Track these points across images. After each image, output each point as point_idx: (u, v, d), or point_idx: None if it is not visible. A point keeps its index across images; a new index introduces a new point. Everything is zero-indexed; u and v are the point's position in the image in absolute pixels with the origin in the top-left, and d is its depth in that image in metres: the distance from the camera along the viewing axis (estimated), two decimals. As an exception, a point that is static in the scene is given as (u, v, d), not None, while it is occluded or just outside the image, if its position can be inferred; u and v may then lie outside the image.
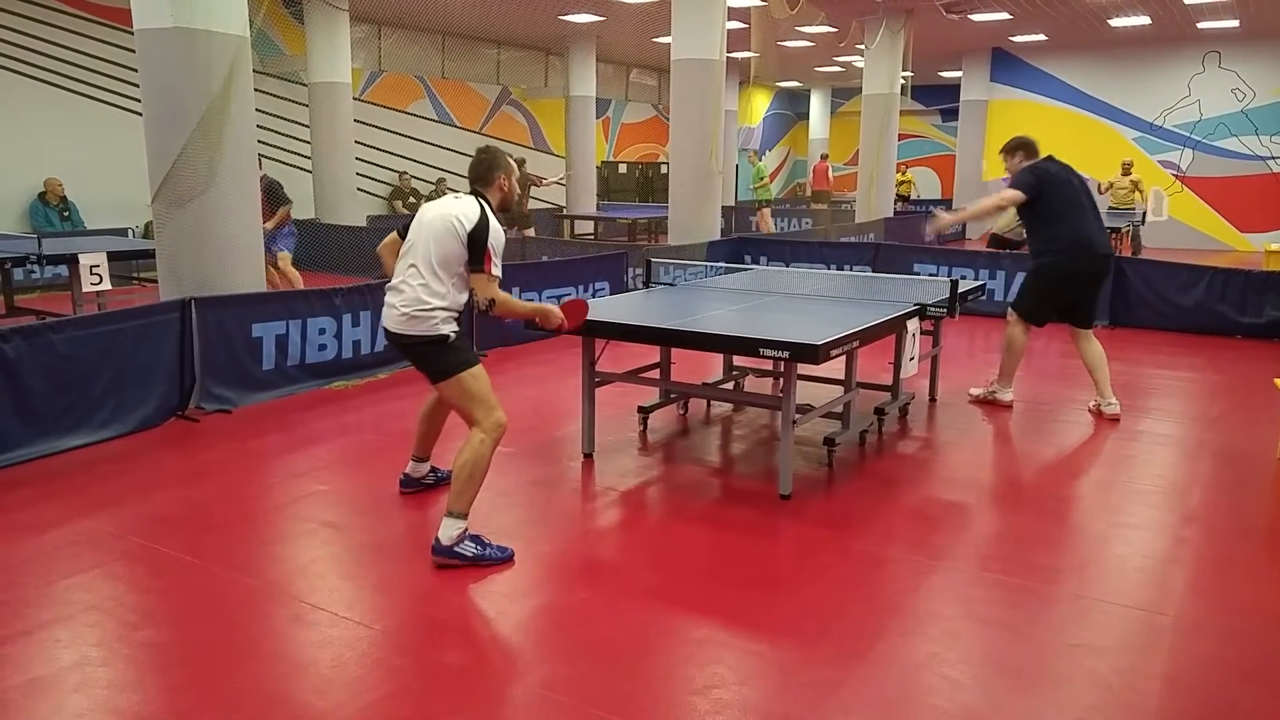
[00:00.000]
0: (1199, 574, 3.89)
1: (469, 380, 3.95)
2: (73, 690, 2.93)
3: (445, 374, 3.95)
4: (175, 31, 5.97)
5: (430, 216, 3.97)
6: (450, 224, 3.87)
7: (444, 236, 3.88)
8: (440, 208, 3.98)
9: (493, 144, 4.37)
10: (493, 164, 4.08)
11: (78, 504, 4.50)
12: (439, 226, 3.90)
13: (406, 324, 3.90)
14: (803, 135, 28.42)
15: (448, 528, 3.85)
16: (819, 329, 4.59)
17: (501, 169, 4.08)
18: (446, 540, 3.84)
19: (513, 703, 2.92)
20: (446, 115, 18.79)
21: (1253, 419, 6.17)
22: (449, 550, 3.84)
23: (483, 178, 4.07)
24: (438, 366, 3.96)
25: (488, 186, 4.07)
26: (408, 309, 3.89)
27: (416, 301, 3.88)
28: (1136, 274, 9.53)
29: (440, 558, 3.84)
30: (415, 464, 4.71)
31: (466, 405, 3.97)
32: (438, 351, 3.93)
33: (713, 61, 10.61)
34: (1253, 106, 18.13)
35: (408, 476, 4.72)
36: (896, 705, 2.90)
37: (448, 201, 4.01)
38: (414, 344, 3.94)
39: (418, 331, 3.90)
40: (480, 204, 3.96)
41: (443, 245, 3.88)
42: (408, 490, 4.69)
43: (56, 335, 5.25)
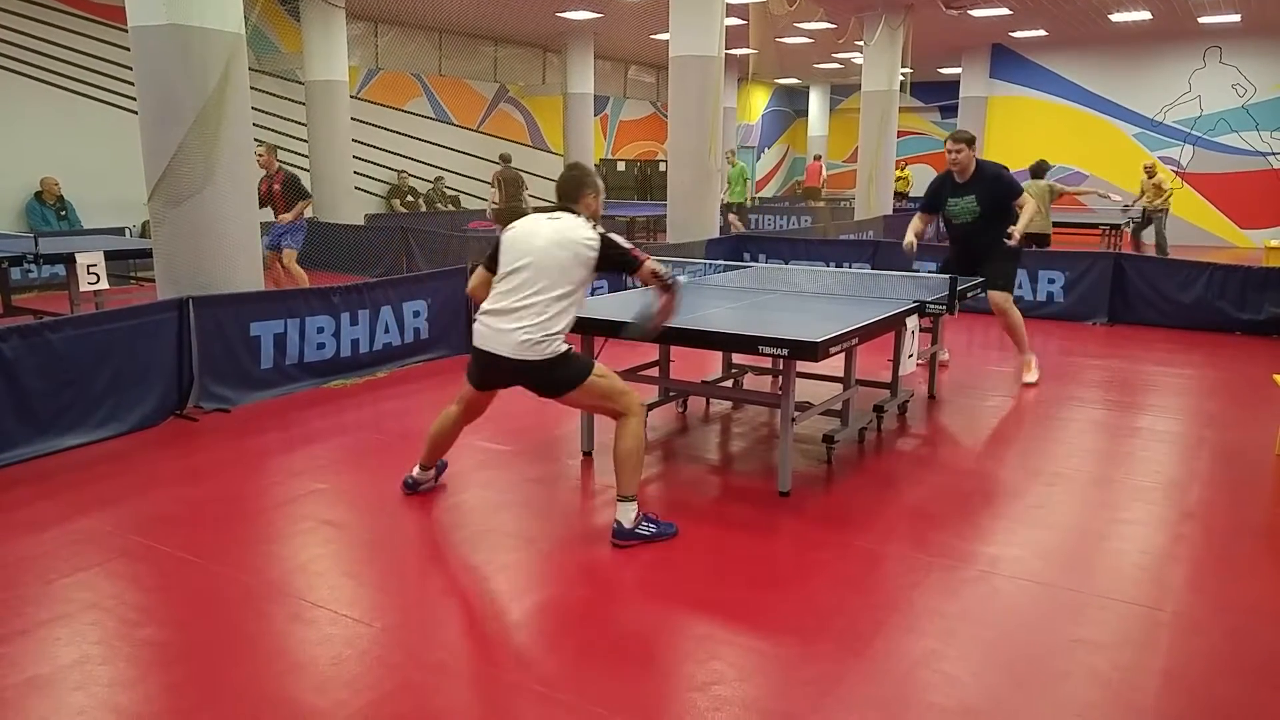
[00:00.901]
0: (1198, 570, 3.89)
1: (598, 380, 4.06)
2: (73, 688, 2.93)
3: (574, 384, 4.02)
4: (170, 29, 5.96)
5: (543, 246, 3.96)
6: (572, 249, 3.94)
7: (569, 263, 3.94)
8: (549, 235, 3.99)
9: (582, 163, 4.40)
10: (582, 182, 4.16)
11: (77, 503, 4.50)
12: (560, 255, 3.94)
13: (528, 350, 3.91)
14: (802, 132, 28.40)
15: (625, 511, 4.02)
16: (818, 326, 4.59)
17: (590, 188, 4.16)
18: (628, 524, 4.01)
19: (513, 701, 2.92)
20: (444, 113, 18.77)
21: (1252, 416, 6.17)
22: (631, 532, 4.01)
23: (570, 195, 4.14)
24: (565, 381, 4.02)
25: (576, 203, 4.13)
26: (531, 337, 3.90)
27: (542, 329, 3.91)
28: (1136, 271, 9.53)
29: (623, 540, 4.01)
30: (422, 471, 4.65)
31: (606, 402, 4.10)
32: (562, 368, 3.99)
33: (711, 58, 10.60)
34: (1254, 102, 18.13)
35: (415, 481, 4.64)
36: (895, 702, 2.90)
37: (556, 226, 4.01)
38: (534, 368, 3.96)
39: (541, 356, 3.93)
40: (586, 221, 4.05)
41: (568, 272, 3.94)
42: (410, 493, 4.64)
43: (54, 335, 5.24)
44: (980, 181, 6.71)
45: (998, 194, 6.68)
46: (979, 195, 6.67)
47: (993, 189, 6.68)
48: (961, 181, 6.75)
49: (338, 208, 14.21)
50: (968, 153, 6.72)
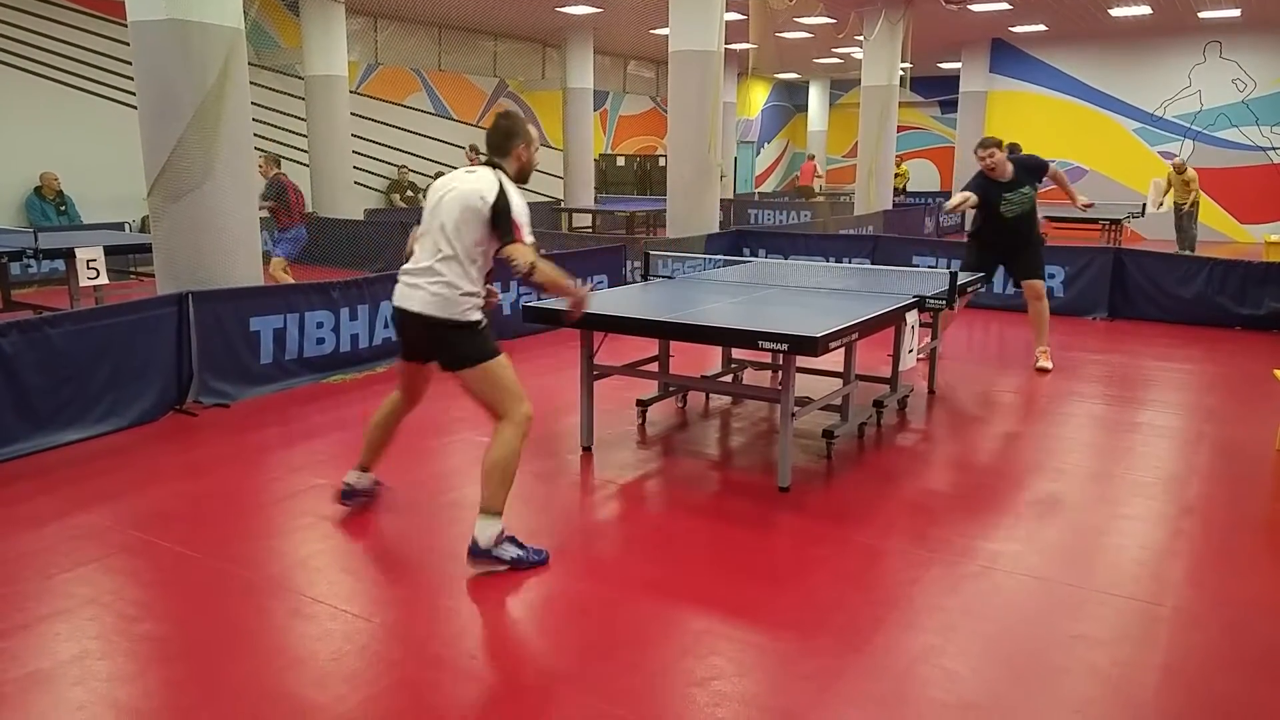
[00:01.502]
0: (1197, 566, 3.90)
1: (497, 368, 3.80)
2: (72, 683, 2.93)
3: (472, 361, 3.77)
4: (169, 24, 5.95)
5: (449, 197, 3.77)
6: (468, 201, 3.70)
7: (466, 216, 3.70)
8: (456, 184, 3.79)
9: (512, 110, 4.12)
10: (511, 131, 3.88)
11: (76, 498, 4.50)
12: (459, 207, 3.72)
13: (436, 305, 3.73)
14: (801, 127, 28.36)
15: (484, 528, 3.69)
16: (817, 321, 4.58)
17: (520, 138, 3.87)
18: (484, 543, 3.68)
19: (512, 695, 2.92)
20: (443, 108, 18.75)
21: (1252, 411, 6.17)
22: (487, 553, 3.69)
23: (500, 147, 3.86)
24: (464, 353, 3.79)
25: (505, 157, 3.88)
26: (439, 291, 3.71)
27: (449, 285, 3.72)
28: (1136, 266, 9.52)
29: (479, 561, 3.69)
30: (360, 474, 4.36)
31: (494, 395, 3.81)
32: (467, 337, 3.78)
33: (711, 53, 10.58)
34: (1253, 97, 18.10)
35: (351, 488, 4.34)
36: (895, 697, 2.90)
37: (461, 176, 3.83)
38: (439, 326, 3.76)
39: (448, 315, 3.73)
40: (497, 177, 3.77)
41: (465, 226, 3.71)
42: (349, 503, 4.35)
43: (53, 330, 5.24)
44: (1022, 171, 7.06)
45: (1036, 177, 7.11)
46: (1026, 184, 7.01)
47: (1034, 172, 7.09)
48: (1006, 179, 7.01)
49: (337, 203, 14.20)
50: (999, 154, 7.02)
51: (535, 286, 3.89)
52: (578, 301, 4.00)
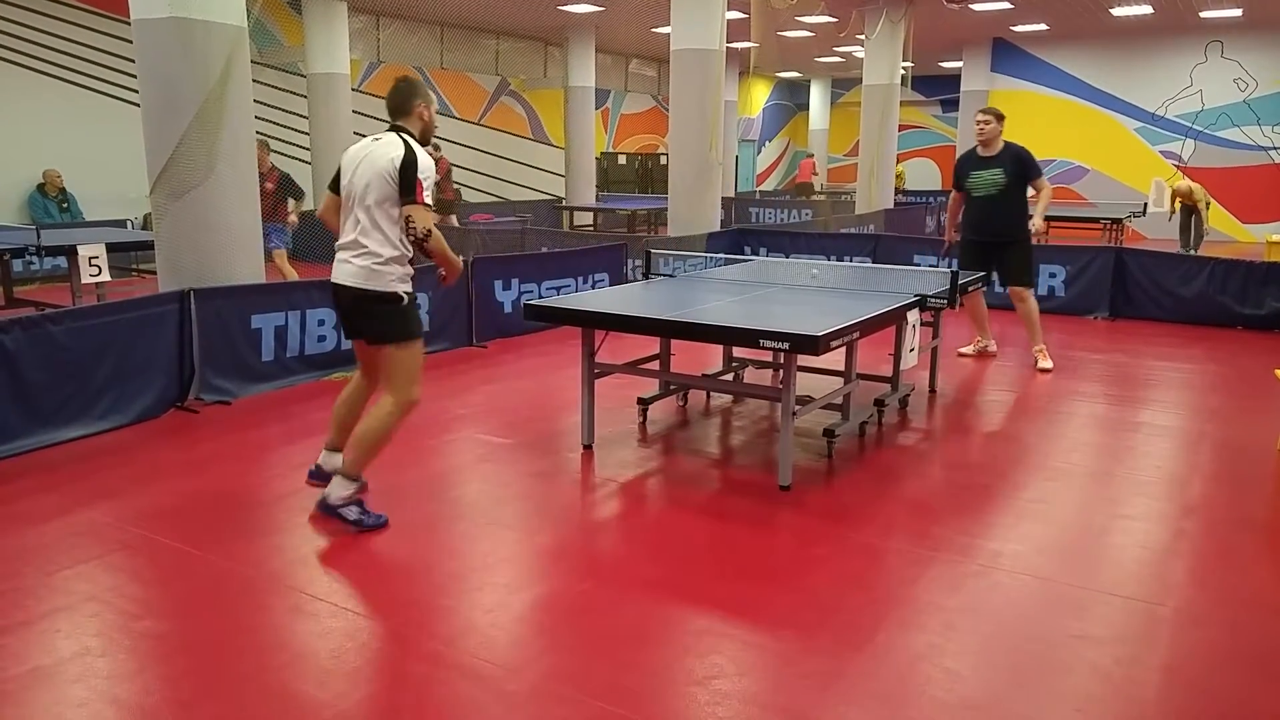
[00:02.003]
0: (1199, 565, 3.89)
1: (410, 350, 3.94)
2: (73, 680, 2.93)
3: (391, 337, 3.90)
4: (172, 22, 5.95)
5: (357, 162, 3.89)
6: (376, 164, 3.81)
7: (377, 180, 3.80)
8: (362, 151, 3.91)
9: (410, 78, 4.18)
10: (410, 92, 4.01)
11: (77, 495, 4.50)
12: (367, 171, 3.83)
13: (361, 278, 3.82)
14: (803, 126, 28.36)
15: (339, 487, 3.98)
16: (818, 320, 4.58)
17: (420, 97, 4.01)
18: (335, 500, 3.98)
19: (513, 694, 2.92)
20: (445, 106, 18.73)
21: (1253, 410, 6.17)
22: (334, 509, 4.00)
23: (401, 108, 4.00)
24: (385, 327, 3.90)
25: (407, 117, 4.00)
26: (363, 262, 3.81)
27: (371, 255, 3.82)
28: (1137, 265, 9.52)
29: (324, 512, 4.02)
30: (328, 455, 4.39)
31: (394, 373, 3.97)
32: (390, 311, 3.87)
33: (712, 52, 10.58)
34: (1255, 96, 18.09)
35: (319, 469, 4.40)
36: (896, 697, 2.90)
37: (367, 144, 3.93)
38: (365, 299, 3.86)
39: (372, 287, 3.82)
40: (402, 138, 3.87)
41: (376, 187, 3.80)
42: (317, 483, 4.36)
43: (56, 327, 5.24)
44: (1006, 155, 7.04)
45: (1021, 170, 7.03)
46: (1005, 169, 6.98)
47: (1018, 164, 7.03)
48: (987, 155, 7.06)
49: (338, 201, 14.18)
50: (995, 125, 7.04)
51: (426, 253, 3.97)
52: (455, 271, 4.15)
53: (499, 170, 19.63)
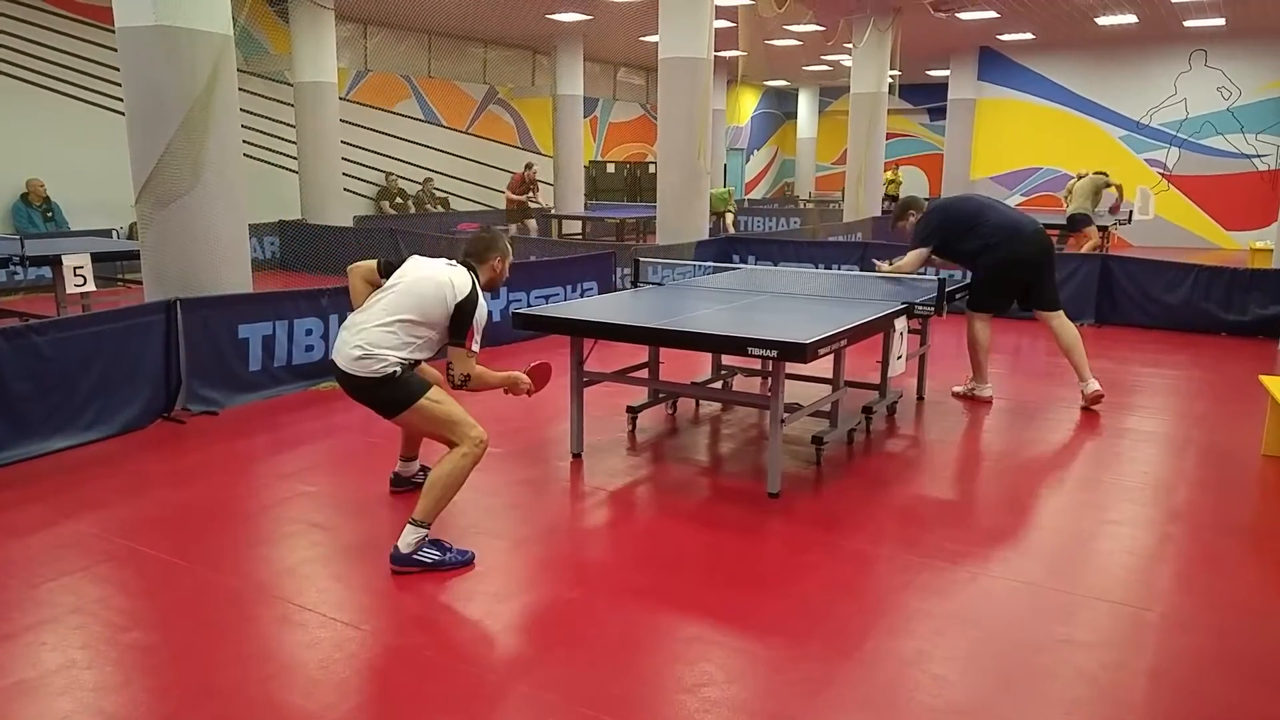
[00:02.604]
0: (1184, 570, 3.91)
1: (430, 405, 3.88)
2: (58, 693, 2.91)
3: (404, 405, 3.87)
4: (157, 30, 5.93)
5: (421, 275, 3.93)
6: (440, 288, 3.84)
7: (430, 297, 3.84)
8: (432, 268, 3.96)
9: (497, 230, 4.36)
10: (493, 244, 4.13)
11: (63, 506, 4.47)
12: (427, 287, 3.86)
13: (356, 364, 3.81)
14: (791, 134, 28.46)
15: (409, 534, 3.79)
16: (807, 328, 4.59)
17: (500, 252, 4.13)
18: (405, 548, 3.78)
19: (502, 703, 2.91)
20: (433, 115, 18.74)
21: (1238, 416, 6.20)
22: (407, 558, 3.78)
23: (479, 255, 4.09)
24: (390, 402, 3.89)
25: (481, 264, 4.09)
26: (362, 348, 3.80)
27: (374, 344, 3.80)
28: (1123, 272, 9.58)
29: (400, 564, 3.78)
30: (404, 463, 4.69)
31: (438, 430, 3.93)
32: (387, 389, 3.85)
33: (700, 60, 10.61)
34: (1239, 105, 18.23)
35: (398, 475, 4.70)
36: (885, 703, 2.90)
37: (440, 266, 3.98)
38: (362, 385, 3.86)
39: (365, 373, 3.81)
40: (472, 277, 3.95)
41: (425, 305, 3.84)
42: (399, 490, 4.66)
43: (40, 337, 5.21)
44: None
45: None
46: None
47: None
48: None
49: (326, 210, 14.17)
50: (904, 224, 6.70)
51: (471, 392, 4.04)
52: (515, 386, 4.19)
53: (487, 179, 19.62)
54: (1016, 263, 6.34)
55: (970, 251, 6.43)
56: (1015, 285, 6.45)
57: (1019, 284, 6.44)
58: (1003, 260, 6.32)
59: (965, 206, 6.59)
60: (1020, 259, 6.34)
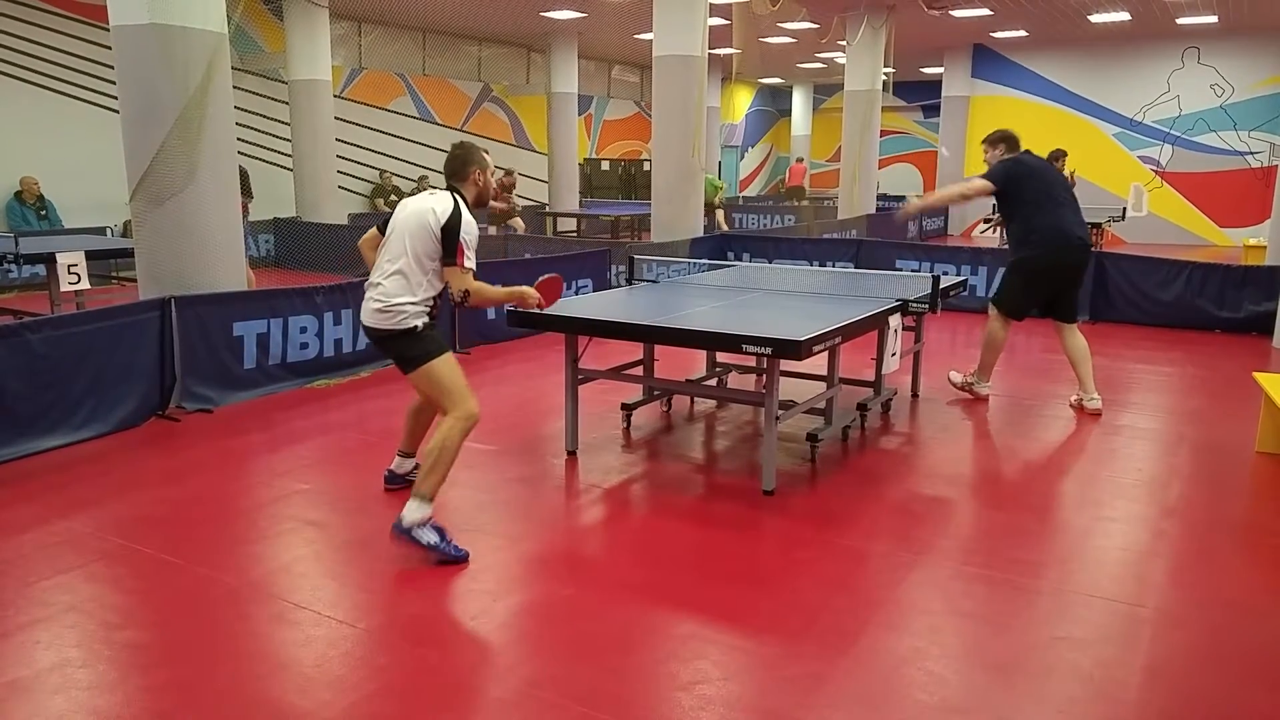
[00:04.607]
0: (1179, 567, 3.92)
1: (437, 368, 4.02)
2: (53, 692, 2.91)
3: (414, 363, 4.02)
4: (152, 28, 5.92)
5: (406, 213, 4.05)
6: (424, 219, 3.96)
7: (419, 231, 3.96)
8: (415, 203, 4.07)
9: (468, 139, 4.42)
10: (466, 159, 4.16)
11: (57, 504, 4.47)
12: (414, 222, 3.99)
13: (379, 318, 4.01)
14: (785, 132, 28.46)
15: (412, 510, 3.88)
16: (801, 325, 4.60)
17: (475, 164, 4.17)
18: (408, 522, 3.86)
19: (497, 700, 2.91)
20: (428, 112, 18.71)
21: (1231, 413, 6.22)
22: (408, 531, 3.86)
23: (457, 173, 4.16)
24: (407, 356, 4.04)
25: (463, 181, 4.15)
26: (381, 303, 3.99)
27: (390, 296, 3.98)
28: (1117, 269, 9.60)
29: (399, 535, 3.88)
30: (401, 459, 4.70)
31: (436, 394, 4.06)
32: (406, 342, 4.02)
33: (695, 58, 10.61)
34: (1232, 102, 18.26)
35: (392, 473, 4.71)
36: (880, 699, 2.91)
37: (423, 197, 4.09)
38: (385, 337, 4.05)
39: (387, 325, 4.00)
40: (454, 198, 4.03)
41: (418, 240, 3.97)
42: (393, 487, 4.66)
43: (34, 335, 5.20)
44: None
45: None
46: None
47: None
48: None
49: (321, 207, 14.15)
50: (991, 152, 6.32)
51: (475, 308, 4.10)
52: (524, 301, 4.34)
53: (482, 176, 19.59)
54: (1052, 270, 6.16)
55: (1015, 228, 6.20)
56: (1045, 292, 6.27)
57: (1049, 291, 6.26)
58: (1040, 266, 6.15)
59: (1037, 185, 6.16)
60: (1057, 268, 6.16)
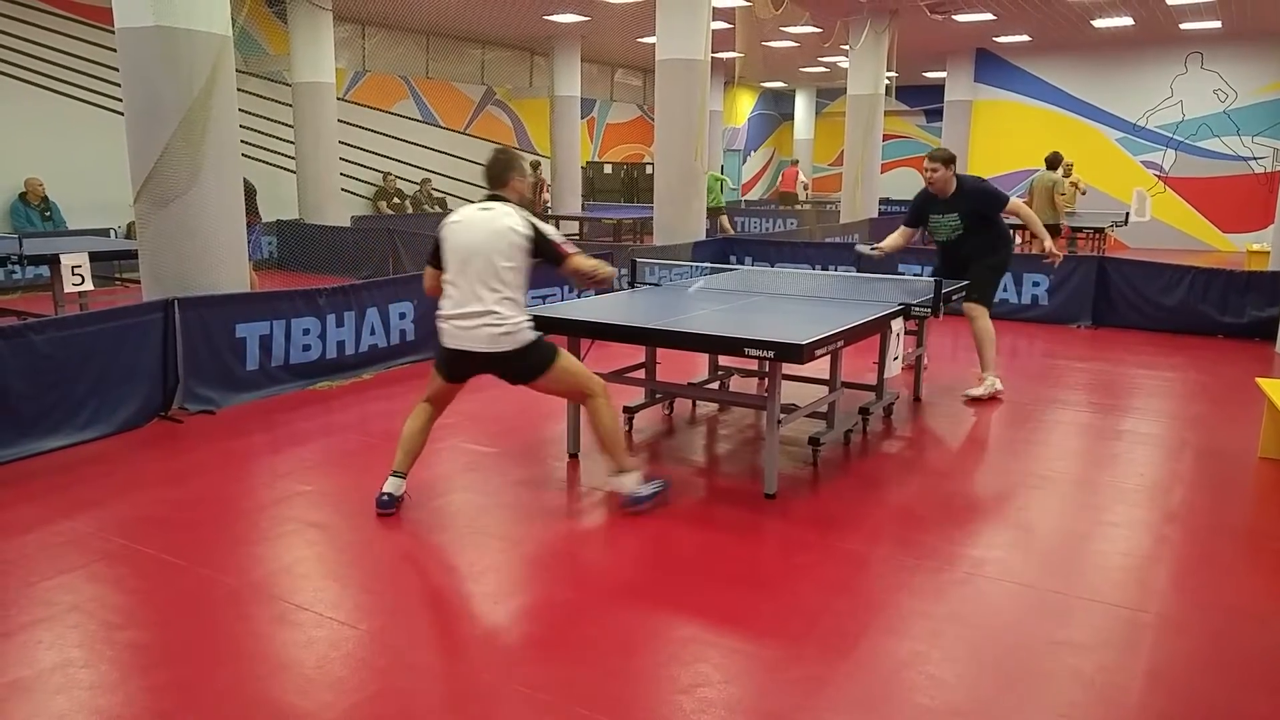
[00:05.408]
0: (1181, 572, 3.92)
1: (564, 362, 4.24)
2: (54, 692, 2.91)
3: (543, 367, 4.19)
4: (156, 30, 5.93)
5: (480, 235, 4.11)
6: (509, 238, 4.08)
7: (510, 250, 4.09)
8: (484, 227, 4.13)
9: (504, 149, 4.53)
10: (509, 165, 4.31)
11: (59, 505, 4.47)
12: (500, 243, 4.09)
13: (504, 341, 4.10)
14: (788, 136, 28.46)
15: (628, 482, 4.32)
16: (803, 329, 4.60)
17: (516, 170, 4.33)
18: (631, 489, 4.34)
19: (498, 703, 2.91)
20: (431, 115, 18.74)
21: (1234, 418, 6.22)
22: (639, 497, 4.35)
23: (499, 178, 4.30)
24: (535, 365, 4.21)
25: (504, 188, 4.30)
26: (499, 327, 4.08)
27: (508, 318, 4.09)
28: (1119, 274, 9.59)
29: (637, 505, 4.34)
30: (397, 480, 4.41)
31: (573, 384, 4.30)
32: (534, 353, 4.17)
33: (697, 62, 10.62)
34: (1235, 107, 18.27)
35: (391, 496, 4.38)
36: (881, 703, 2.91)
37: (488, 218, 4.15)
38: (509, 357, 4.14)
39: (514, 345, 4.11)
40: (515, 210, 4.17)
41: (511, 259, 4.09)
42: (389, 512, 4.36)
43: (38, 336, 5.21)
44: (961, 198, 6.54)
45: (980, 209, 6.55)
46: (961, 213, 6.53)
47: (975, 205, 6.55)
48: (942, 199, 6.59)
49: (324, 210, 14.18)
50: (944, 172, 6.50)
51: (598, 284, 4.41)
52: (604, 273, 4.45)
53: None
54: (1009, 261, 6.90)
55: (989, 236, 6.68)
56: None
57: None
58: (1007, 259, 6.82)
59: None
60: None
